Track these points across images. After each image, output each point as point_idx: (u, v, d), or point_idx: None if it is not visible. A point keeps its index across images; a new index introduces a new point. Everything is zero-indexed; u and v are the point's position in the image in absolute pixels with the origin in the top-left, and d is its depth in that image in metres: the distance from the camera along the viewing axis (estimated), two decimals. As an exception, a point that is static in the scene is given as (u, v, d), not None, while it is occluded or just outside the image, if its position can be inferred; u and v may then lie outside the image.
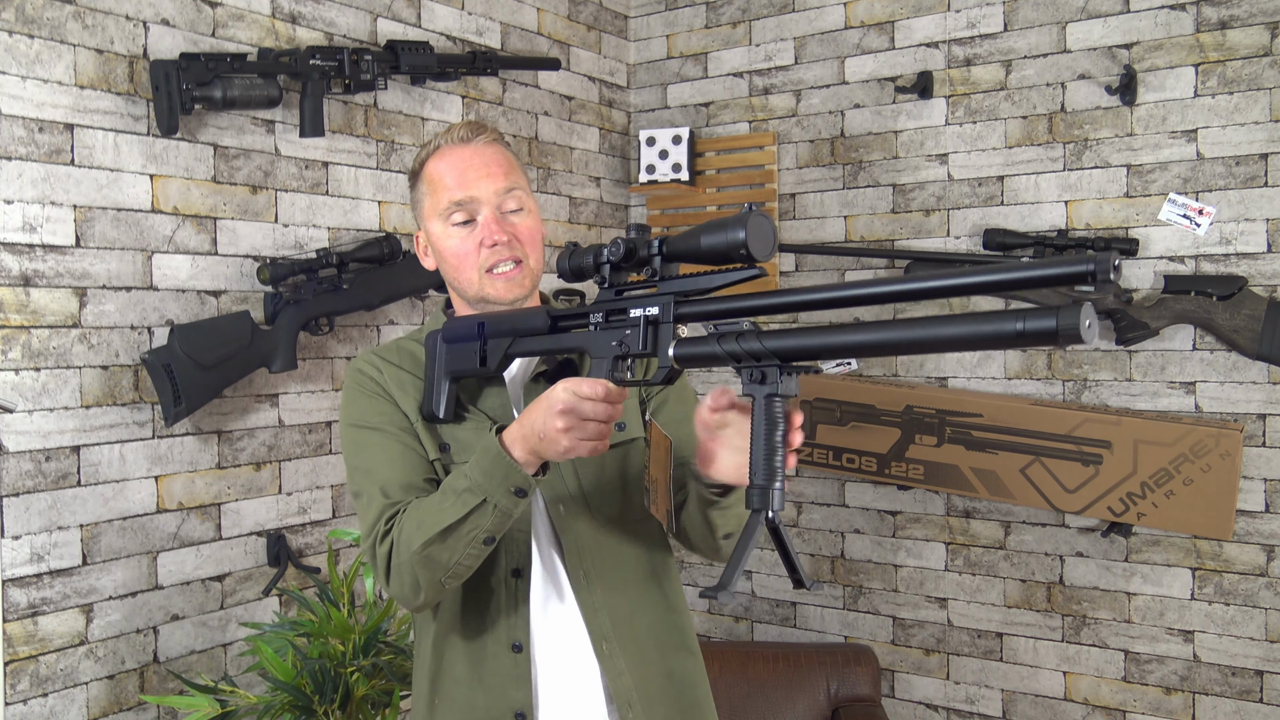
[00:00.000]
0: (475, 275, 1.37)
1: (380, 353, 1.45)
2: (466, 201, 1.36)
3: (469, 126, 1.41)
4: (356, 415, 1.39)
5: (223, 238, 2.23)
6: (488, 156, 1.39)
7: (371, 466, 1.34)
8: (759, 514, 1.00)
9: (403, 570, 1.25)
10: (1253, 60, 2.48)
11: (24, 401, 1.92)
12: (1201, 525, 2.50)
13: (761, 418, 1.01)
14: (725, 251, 1.06)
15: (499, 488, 1.20)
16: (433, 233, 1.40)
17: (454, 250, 1.38)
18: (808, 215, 3.10)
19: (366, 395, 1.39)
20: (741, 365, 1.03)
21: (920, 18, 2.90)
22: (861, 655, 2.83)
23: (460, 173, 1.37)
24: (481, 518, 1.22)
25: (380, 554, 1.29)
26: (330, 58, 2.31)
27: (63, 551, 1.98)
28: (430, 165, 1.40)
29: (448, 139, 1.40)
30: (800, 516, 3.14)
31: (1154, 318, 2.54)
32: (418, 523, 1.24)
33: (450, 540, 1.22)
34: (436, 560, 1.23)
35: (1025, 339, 0.86)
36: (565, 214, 3.17)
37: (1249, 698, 2.53)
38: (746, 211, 1.03)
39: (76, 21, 1.98)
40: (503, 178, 1.37)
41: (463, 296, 1.42)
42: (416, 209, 1.44)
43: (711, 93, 3.26)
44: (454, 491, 1.23)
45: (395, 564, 1.26)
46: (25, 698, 1.92)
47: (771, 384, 1.01)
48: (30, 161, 1.92)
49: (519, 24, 2.98)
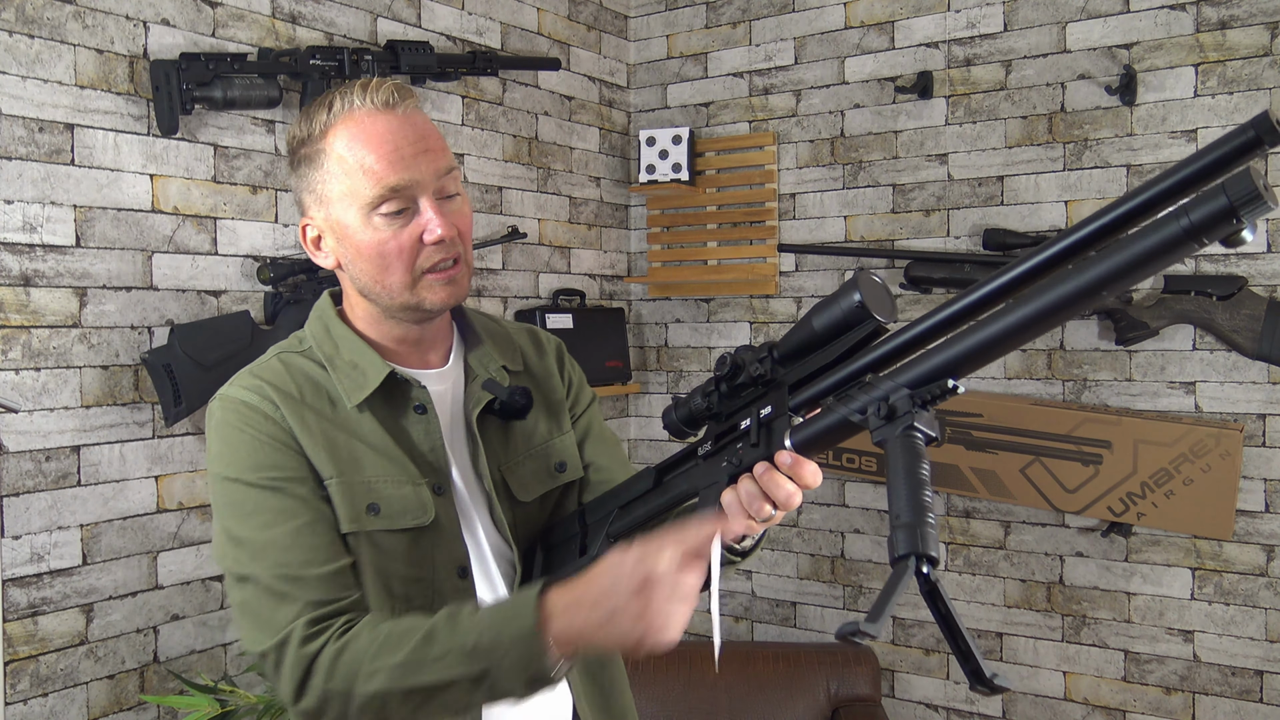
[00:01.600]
0: (408, 278, 1.10)
1: (265, 376, 1.12)
2: (403, 187, 1.08)
3: (389, 88, 1.10)
4: (242, 466, 1.06)
5: (223, 238, 2.24)
6: (420, 126, 1.11)
7: (268, 542, 1.04)
8: (905, 559, 0.79)
9: (332, 702, 0.98)
10: (1253, 60, 2.48)
11: (24, 401, 1.92)
12: (1201, 525, 2.50)
13: (899, 455, 0.84)
14: (844, 322, 0.94)
15: (514, 670, 0.93)
16: (345, 224, 1.10)
17: (381, 248, 1.09)
18: (808, 215, 3.10)
19: (259, 441, 1.07)
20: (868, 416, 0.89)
21: (920, 18, 2.90)
22: (861, 655, 2.83)
23: (392, 149, 1.07)
24: (474, 693, 0.96)
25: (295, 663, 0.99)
26: (330, 58, 2.31)
27: (63, 551, 1.98)
28: (338, 134, 1.09)
29: (364, 98, 1.09)
30: (800, 516, 3.14)
31: (1154, 318, 2.54)
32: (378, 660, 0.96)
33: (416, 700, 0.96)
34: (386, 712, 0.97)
35: (1198, 232, 0.73)
36: (565, 214, 3.17)
37: (1249, 698, 2.53)
38: (856, 273, 0.95)
39: (76, 21, 1.98)
40: (441, 156, 1.11)
41: (377, 302, 1.13)
42: (311, 191, 1.13)
43: (711, 93, 3.26)
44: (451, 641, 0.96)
45: (324, 689, 0.98)
46: (25, 698, 1.92)
47: (904, 417, 0.86)
48: (30, 161, 1.92)
49: (519, 24, 2.98)
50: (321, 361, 1.15)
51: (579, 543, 1.17)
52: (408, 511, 1.11)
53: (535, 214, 3.05)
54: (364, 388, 1.13)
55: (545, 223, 3.09)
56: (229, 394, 1.12)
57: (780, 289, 3.15)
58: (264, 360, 1.17)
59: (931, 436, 0.86)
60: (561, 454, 1.27)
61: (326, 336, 1.17)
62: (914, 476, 0.82)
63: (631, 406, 3.44)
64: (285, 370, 1.14)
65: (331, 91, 1.12)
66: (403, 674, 0.95)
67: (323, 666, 0.99)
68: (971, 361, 0.86)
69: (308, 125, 1.12)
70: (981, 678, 0.79)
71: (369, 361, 1.14)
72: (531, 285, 3.05)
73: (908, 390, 0.87)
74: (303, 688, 0.99)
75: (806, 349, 0.99)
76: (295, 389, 1.12)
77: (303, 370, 1.14)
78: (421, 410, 1.16)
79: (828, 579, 3.10)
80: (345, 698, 0.97)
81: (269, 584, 1.03)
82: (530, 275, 3.04)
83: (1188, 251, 0.75)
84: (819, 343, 0.98)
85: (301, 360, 1.16)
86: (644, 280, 3.35)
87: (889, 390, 0.88)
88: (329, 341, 1.17)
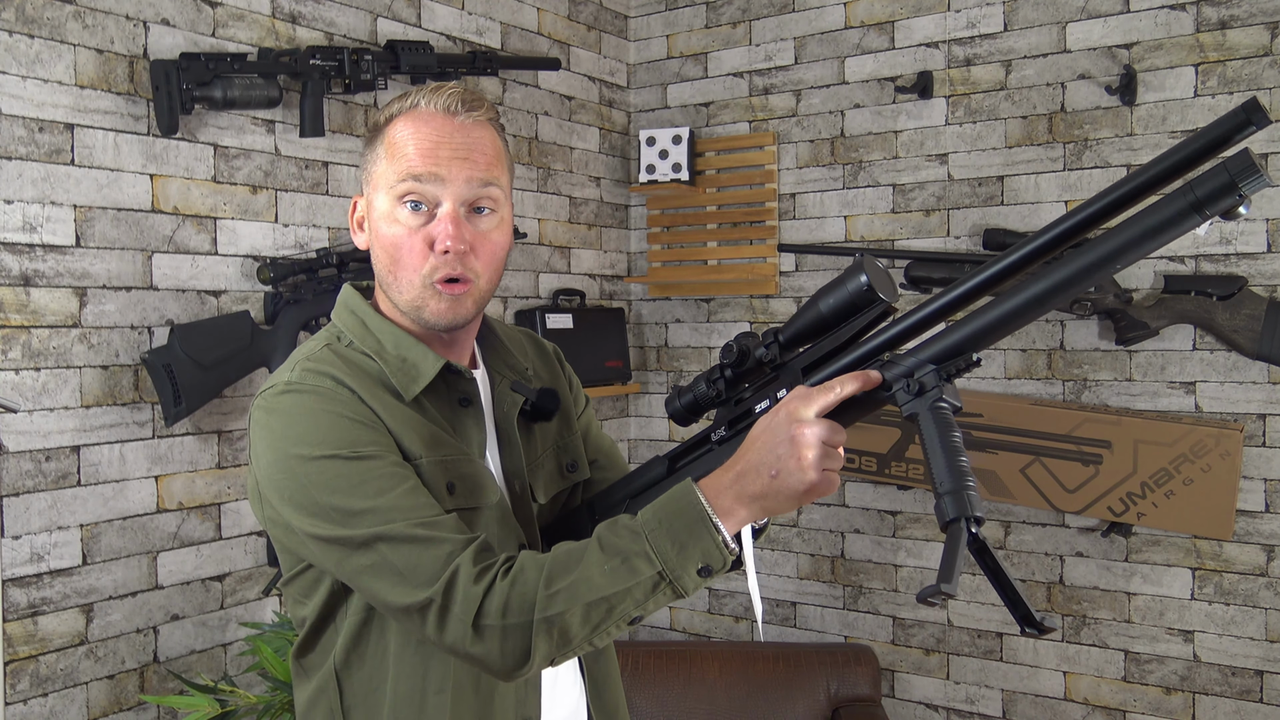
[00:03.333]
0: (416, 279, 1.10)
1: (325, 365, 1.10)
2: (427, 178, 1.08)
3: (464, 97, 1.11)
4: (336, 443, 1.03)
5: (223, 238, 2.23)
6: (474, 137, 1.10)
7: (391, 505, 1.01)
8: (957, 522, 0.86)
9: (513, 633, 0.96)
10: (1253, 60, 2.48)
11: (24, 401, 1.92)
12: (1201, 525, 2.50)
13: (932, 427, 0.90)
14: (853, 304, 0.98)
15: (687, 561, 0.95)
16: (375, 208, 1.12)
17: (394, 240, 1.09)
18: (808, 215, 3.10)
19: (347, 419, 1.05)
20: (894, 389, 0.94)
21: (920, 18, 2.90)
22: (861, 655, 2.83)
23: (431, 145, 1.08)
24: (649, 597, 0.96)
25: (467, 603, 0.97)
26: (330, 58, 2.31)
27: (63, 551, 1.98)
28: (398, 124, 1.11)
29: (430, 100, 1.10)
30: (800, 516, 3.14)
31: (1154, 318, 2.54)
32: (554, 584, 0.96)
33: (597, 615, 0.96)
34: (568, 633, 0.96)
35: (1203, 205, 0.81)
36: (565, 214, 3.17)
37: (1249, 698, 2.53)
38: (860, 257, 0.98)
39: (76, 21, 1.98)
40: (483, 166, 1.10)
41: (393, 299, 1.13)
42: (365, 170, 1.15)
43: (711, 93, 3.26)
44: (617, 552, 0.96)
45: (503, 625, 0.96)
46: (25, 698, 1.91)
47: (933, 391, 0.91)
48: (30, 161, 1.92)
49: (519, 24, 2.98)
50: (369, 354, 1.13)
51: None
52: (480, 489, 1.11)
53: (535, 214, 3.06)
54: (418, 380, 1.12)
55: (545, 223, 3.09)
56: (299, 380, 1.08)
57: (780, 289, 3.15)
58: (312, 352, 1.13)
59: (958, 406, 0.91)
60: (573, 454, 1.29)
61: (364, 330, 1.15)
62: (950, 445, 0.88)
63: (631, 406, 3.44)
64: (341, 360, 1.11)
65: (416, 88, 1.14)
66: (581, 592, 0.95)
67: (496, 603, 0.96)
68: (993, 334, 0.90)
69: (384, 111, 1.14)
70: (1032, 621, 0.86)
71: (420, 354, 1.13)
72: (531, 285, 3.05)
73: (933, 365, 0.92)
74: (479, 627, 0.96)
75: (813, 333, 1.02)
76: (358, 376, 1.09)
77: (355, 361, 1.12)
78: (466, 403, 1.16)
79: (828, 579, 3.10)
80: (525, 629, 0.95)
81: (409, 534, 0.99)
82: (530, 275, 3.04)
83: (1193, 225, 0.83)
84: (826, 326, 1.01)
85: (349, 352, 1.13)
86: (644, 280, 3.35)
87: (913, 366, 0.92)
88: (369, 335, 1.14)
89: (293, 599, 1.18)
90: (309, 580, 1.14)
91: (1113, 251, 0.85)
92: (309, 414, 1.05)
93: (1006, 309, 0.90)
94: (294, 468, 1.04)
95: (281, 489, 1.05)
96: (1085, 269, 0.86)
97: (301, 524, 1.04)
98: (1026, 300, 0.89)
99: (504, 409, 1.20)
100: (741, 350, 1.06)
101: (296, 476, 1.04)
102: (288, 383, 1.09)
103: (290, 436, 1.05)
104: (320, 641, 1.16)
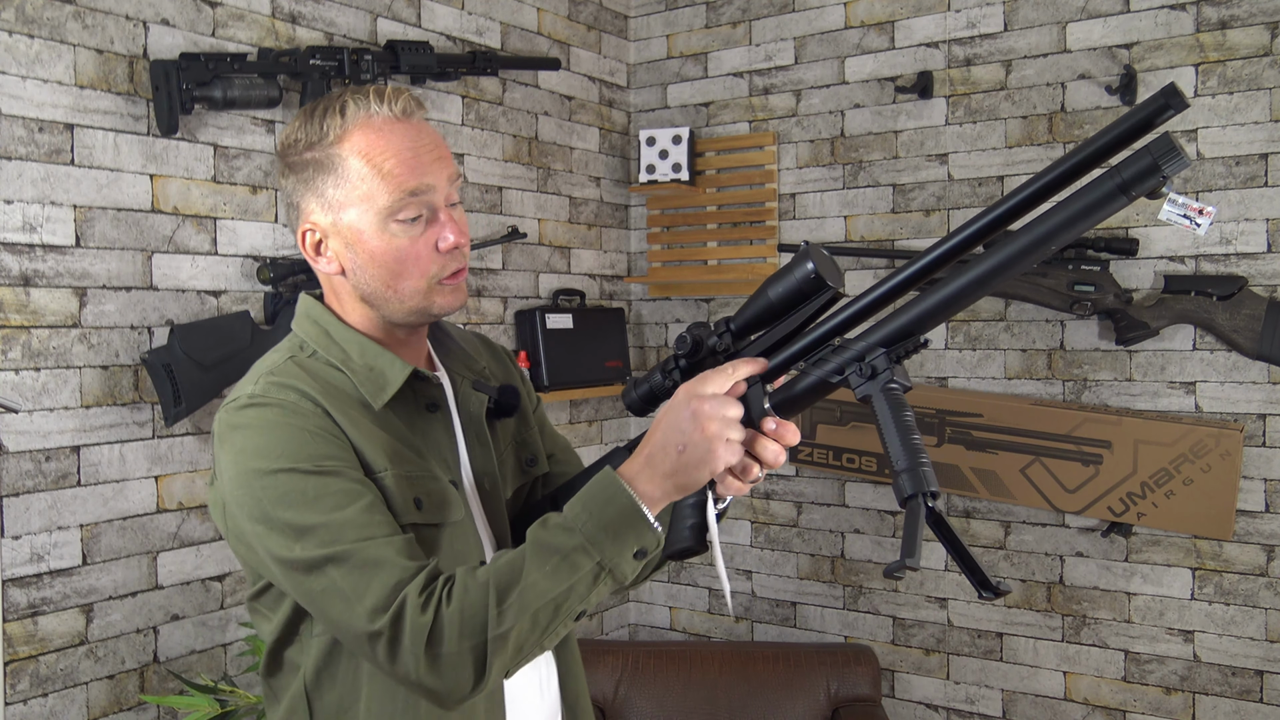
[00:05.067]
0: (423, 284, 1.10)
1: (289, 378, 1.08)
2: (422, 192, 1.08)
3: (407, 97, 1.11)
4: (295, 456, 1.02)
5: (223, 238, 2.23)
6: (433, 137, 1.12)
7: (344, 521, 1.00)
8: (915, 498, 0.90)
9: (466, 657, 0.96)
10: (1253, 60, 2.48)
11: (24, 401, 1.92)
12: (1201, 525, 2.50)
13: (885, 408, 0.94)
14: (801, 292, 1.01)
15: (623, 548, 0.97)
16: (359, 229, 1.09)
17: (397, 254, 1.09)
18: (808, 215, 3.10)
19: (309, 432, 1.04)
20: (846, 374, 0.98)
21: (920, 18, 2.90)
22: (861, 655, 2.83)
23: (412, 156, 1.08)
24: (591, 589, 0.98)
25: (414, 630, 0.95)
26: (330, 58, 2.31)
27: (63, 551, 1.98)
28: (356, 139, 1.08)
29: (379, 106, 1.09)
30: (800, 516, 3.14)
31: (1154, 318, 2.54)
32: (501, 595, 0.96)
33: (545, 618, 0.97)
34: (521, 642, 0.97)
35: (1128, 186, 0.86)
36: (565, 214, 3.17)
37: (1249, 698, 2.53)
38: (806, 246, 1.01)
39: (76, 21, 1.98)
40: (450, 161, 1.12)
41: (383, 308, 1.13)
42: (319, 195, 1.10)
43: (711, 93, 3.26)
44: (554, 551, 0.97)
45: (457, 651, 0.95)
46: (25, 698, 1.92)
47: (885, 374, 0.96)
48: (30, 161, 1.92)
49: (519, 24, 2.98)
50: (334, 364, 1.13)
51: None
52: (445, 505, 1.11)
53: (535, 214, 3.05)
54: (386, 389, 1.12)
55: (545, 223, 3.09)
56: (262, 393, 1.07)
57: (780, 289, 3.15)
58: (275, 364, 1.12)
59: (908, 386, 0.96)
60: (532, 449, 1.31)
61: (329, 340, 1.14)
62: (903, 424, 0.93)
63: (631, 406, 3.43)
64: (305, 372, 1.10)
65: (337, 96, 1.10)
66: (530, 600, 0.96)
67: (448, 630, 0.96)
68: (938, 316, 0.95)
69: (315, 129, 1.10)
70: (988, 585, 0.89)
71: (387, 362, 1.13)
72: (531, 285, 3.05)
73: (883, 349, 0.96)
74: (434, 656, 0.95)
75: (763, 321, 1.06)
76: (323, 389, 1.08)
77: (319, 373, 1.11)
78: (434, 408, 1.17)
79: (828, 579, 3.10)
80: (479, 650, 0.95)
81: (358, 559, 0.98)
82: (530, 275, 3.04)
83: (1120, 205, 0.88)
84: (776, 314, 1.04)
85: (312, 363, 1.12)
86: (644, 280, 3.35)
87: (864, 350, 0.97)
88: (334, 345, 1.14)
89: (259, 614, 1.17)
90: (273, 596, 1.14)
91: (1047, 233, 0.90)
92: (271, 427, 1.04)
93: (949, 291, 0.94)
94: (252, 482, 1.04)
95: (241, 504, 1.05)
96: (1022, 250, 0.90)
97: (260, 541, 1.04)
98: (968, 283, 0.93)
99: (470, 409, 1.21)
100: (695, 340, 1.08)
101: (254, 491, 1.03)
102: (250, 395, 1.07)
103: (250, 450, 1.05)
104: (286, 659, 1.14)
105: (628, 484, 0.99)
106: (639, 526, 0.98)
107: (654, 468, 0.99)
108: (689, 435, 0.97)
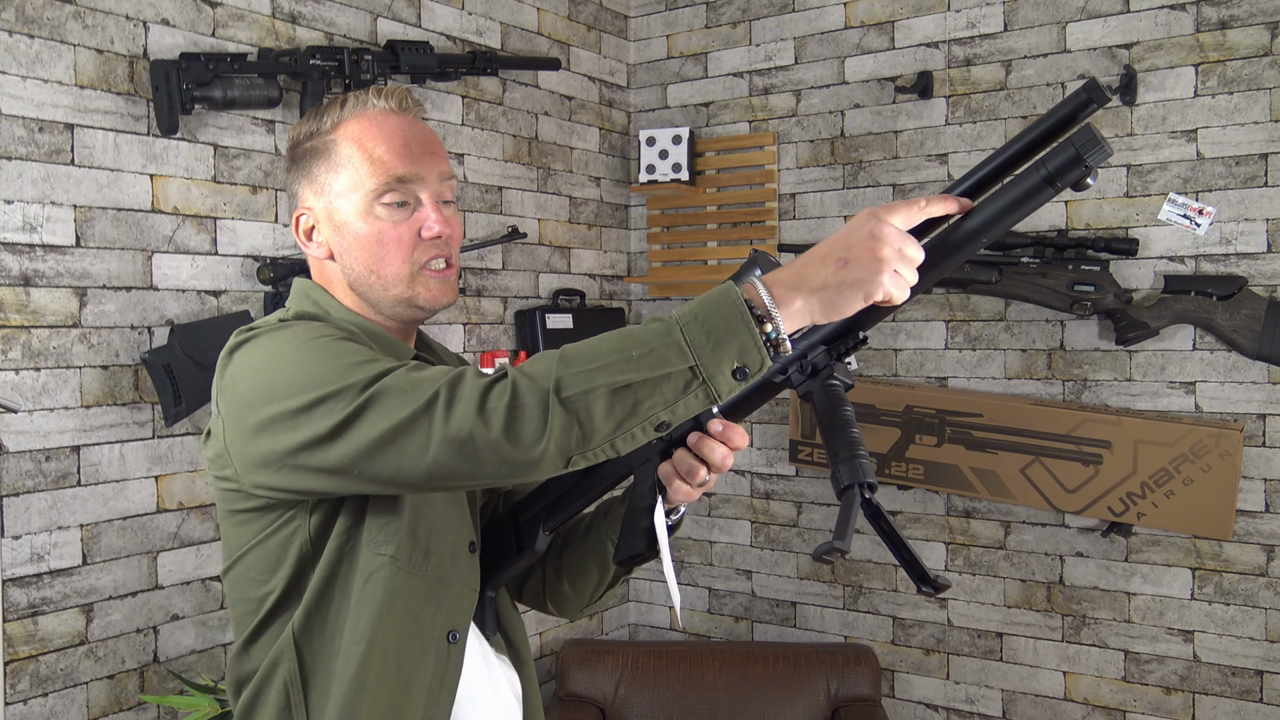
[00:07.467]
0: (405, 270, 1.11)
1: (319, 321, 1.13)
2: (410, 179, 1.11)
3: (404, 94, 1.15)
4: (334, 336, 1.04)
5: (223, 238, 2.24)
6: (428, 131, 1.16)
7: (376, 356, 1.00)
8: (851, 488, 0.91)
9: (526, 412, 0.88)
10: (1253, 60, 2.48)
11: (24, 401, 1.92)
12: (1201, 525, 2.50)
13: (826, 403, 0.95)
14: None
15: (722, 358, 0.88)
16: (344, 212, 1.12)
17: (379, 237, 1.10)
18: (808, 215, 3.10)
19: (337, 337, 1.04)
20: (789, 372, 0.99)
21: (920, 18, 2.90)
22: (861, 655, 2.83)
23: (402, 144, 1.11)
24: (680, 398, 0.89)
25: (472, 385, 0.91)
26: (330, 58, 2.31)
27: (63, 551, 1.98)
28: (351, 129, 1.12)
29: (376, 100, 1.13)
30: (800, 516, 3.14)
31: (1154, 318, 2.54)
32: (574, 365, 0.89)
33: (618, 405, 0.88)
34: (591, 422, 0.88)
35: (1054, 178, 0.87)
36: (565, 214, 3.17)
37: (1249, 698, 2.53)
38: (753, 252, 1.01)
39: (76, 21, 1.98)
40: (444, 160, 1.15)
41: (368, 295, 1.14)
42: (313, 181, 1.14)
43: (711, 93, 3.26)
44: (643, 343, 0.89)
45: (508, 401, 0.88)
46: (25, 698, 1.92)
47: (825, 370, 0.98)
48: (30, 161, 1.92)
49: (519, 24, 2.98)
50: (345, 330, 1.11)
51: (514, 542, 1.21)
52: None
53: (535, 214, 3.05)
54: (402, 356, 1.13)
55: (545, 223, 3.09)
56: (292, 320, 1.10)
57: (780, 289, 3.15)
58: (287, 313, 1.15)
59: (849, 384, 0.99)
60: None
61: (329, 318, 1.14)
62: (843, 418, 0.95)
63: (631, 406, 3.43)
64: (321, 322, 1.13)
65: (343, 94, 1.15)
66: (603, 375, 0.87)
67: (512, 384, 0.89)
68: (877, 314, 0.95)
69: (316, 122, 1.15)
70: (927, 580, 0.92)
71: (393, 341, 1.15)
72: (531, 285, 3.05)
73: (824, 347, 0.99)
74: (486, 409, 0.89)
75: None
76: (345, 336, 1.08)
77: None
78: None
79: (828, 579, 3.10)
80: (540, 407, 0.87)
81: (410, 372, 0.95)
82: (530, 275, 3.04)
83: (1047, 197, 0.89)
84: None
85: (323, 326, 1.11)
86: (644, 280, 3.35)
87: (805, 349, 0.99)
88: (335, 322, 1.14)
89: (250, 580, 1.11)
90: (275, 547, 1.08)
91: (978, 227, 0.92)
92: (307, 328, 1.06)
93: None
94: (287, 357, 1.01)
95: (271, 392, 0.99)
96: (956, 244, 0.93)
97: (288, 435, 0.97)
98: None
99: None
100: None
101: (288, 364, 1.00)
102: (281, 320, 1.11)
103: (287, 339, 1.04)
104: (278, 619, 1.09)
105: (766, 287, 0.90)
106: (745, 339, 0.87)
107: (805, 278, 0.89)
108: (857, 251, 0.87)
